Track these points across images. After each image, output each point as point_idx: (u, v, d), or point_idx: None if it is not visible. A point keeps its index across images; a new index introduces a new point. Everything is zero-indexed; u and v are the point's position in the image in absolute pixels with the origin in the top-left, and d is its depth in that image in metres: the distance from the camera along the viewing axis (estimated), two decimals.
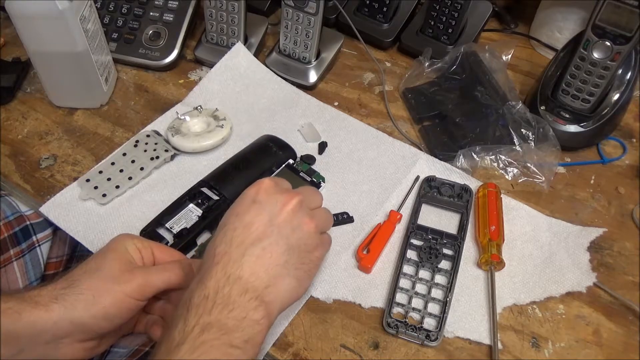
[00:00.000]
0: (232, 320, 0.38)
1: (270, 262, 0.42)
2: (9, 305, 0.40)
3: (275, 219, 0.43)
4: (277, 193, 0.45)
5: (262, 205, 0.44)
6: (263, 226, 0.43)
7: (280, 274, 0.42)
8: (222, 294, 0.39)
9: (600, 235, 0.57)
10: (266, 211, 0.44)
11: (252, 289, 0.40)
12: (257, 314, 0.39)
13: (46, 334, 0.41)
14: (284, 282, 0.42)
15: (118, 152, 0.62)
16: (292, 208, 0.44)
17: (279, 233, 0.43)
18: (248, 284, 0.40)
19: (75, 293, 0.42)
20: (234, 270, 0.40)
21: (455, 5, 0.73)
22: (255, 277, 0.40)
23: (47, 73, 0.65)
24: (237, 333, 0.38)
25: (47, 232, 0.60)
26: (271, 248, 0.42)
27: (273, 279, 0.41)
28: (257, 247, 0.42)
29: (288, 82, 0.73)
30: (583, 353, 0.50)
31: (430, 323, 0.51)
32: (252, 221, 0.43)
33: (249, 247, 0.42)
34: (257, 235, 0.42)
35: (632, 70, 0.63)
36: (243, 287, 0.40)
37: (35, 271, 0.59)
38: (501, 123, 0.64)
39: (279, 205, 0.44)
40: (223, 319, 0.38)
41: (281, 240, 0.43)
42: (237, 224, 0.43)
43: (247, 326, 0.38)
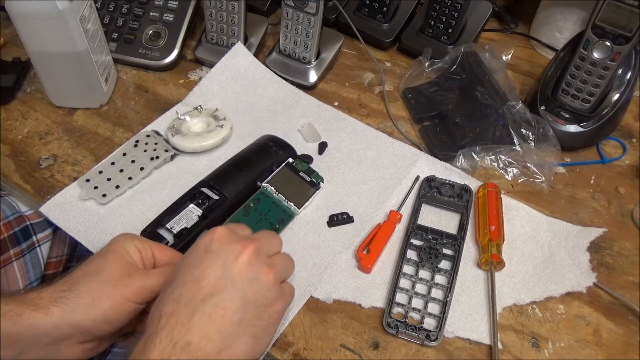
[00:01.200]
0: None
1: (223, 320, 0.38)
2: (9, 307, 0.40)
3: (229, 270, 0.40)
4: (232, 242, 0.41)
5: (215, 255, 0.41)
6: (215, 279, 0.39)
7: (236, 333, 0.38)
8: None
9: (600, 235, 0.57)
10: (219, 262, 0.40)
11: (203, 355, 0.36)
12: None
13: (46, 336, 0.41)
14: (238, 343, 0.38)
15: (118, 152, 0.62)
16: (249, 258, 0.40)
17: (233, 286, 0.39)
18: (198, 351, 0.36)
19: (75, 296, 0.42)
20: (181, 336, 0.36)
21: (455, 5, 0.73)
22: (207, 341, 0.37)
23: (47, 73, 0.65)
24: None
25: (47, 232, 0.60)
26: (224, 304, 0.38)
27: (227, 340, 0.38)
28: (209, 303, 0.38)
29: (288, 82, 0.73)
30: (583, 353, 0.50)
31: (430, 323, 0.51)
32: (203, 274, 0.39)
33: (199, 305, 0.38)
34: (209, 290, 0.39)
35: (632, 70, 0.63)
36: (193, 355, 0.36)
37: (35, 271, 0.59)
38: (501, 123, 0.64)
39: (234, 255, 0.40)
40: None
41: (236, 294, 0.39)
42: (187, 278, 0.40)
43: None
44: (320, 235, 0.57)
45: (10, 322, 0.40)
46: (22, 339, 0.40)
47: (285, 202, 0.58)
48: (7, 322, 0.40)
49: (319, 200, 0.60)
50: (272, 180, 0.60)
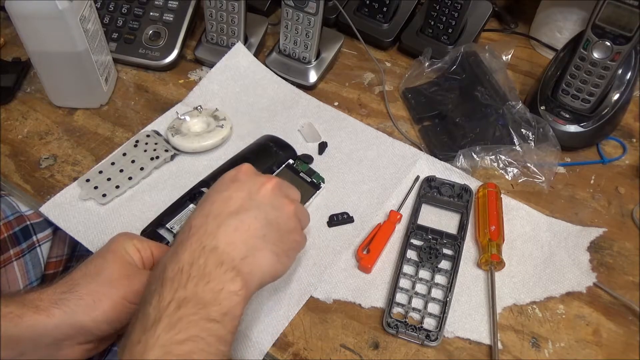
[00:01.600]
0: (208, 293, 0.37)
1: (248, 234, 0.41)
2: (10, 309, 0.40)
3: (254, 195, 0.43)
4: (257, 175, 0.45)
5: (241, 183, 0.44)
6: (242, 200, 0.42)
7: (258, 246, 0.41)
8: (197, 266, 0.38)
9: (600, 235, 0.57)
10: (245, 188, 0.43)
11: (229, 259, 0.39)
12: (234, 286, 0.38)
13: (47, 337, 0.41)
14: (261, 255, 0.41)
15: (118, 152, 0.62)
16: (272, 188, 0.44)
17: (257, 208, 0.42)
18: (224, 255, 0.39)
19: (75, 298, 0.42)
20: (209, 241, 0.39)
21: (455, 5, 0.73)
22: (232, 247, 0.39)
23: (47, 73, 0.65)
24: (214, 306, 0.37)
25: (47, 232, 0.60)
26: (249, 221, 0.41)
27: (251, 250, 0.40)
28: (235, 219, 0.41)
29: (288, 82, 0.73)
30: (583, 353, 0.50)
31: (430, 323, 0.51)
32: (231, 195, 0.42)
33: (226, 219, 0.41)
34: (236, 208, 0.41)
35: (632, 70, 0.63)
36: (219, 258, 0.39)
37: (36, 271, 0.59)
38: (501, 123, 0.64)
39: (258, 185, 0.44)
40: (199, 293, 0.37)
41: (260, 214, 0.42)
42: (215, 198, 0.43)
43: (224, 299, 0.37)
44: (320, 235, 0.57)
45: (12, 323, 0.40)
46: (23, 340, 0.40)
47: None
48: (8, 324, 0.40)
49: (319, 200, 0.60)
50: None
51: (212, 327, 0.36)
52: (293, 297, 0.52)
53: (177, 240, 0.41)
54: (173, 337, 0.35)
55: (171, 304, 0.36)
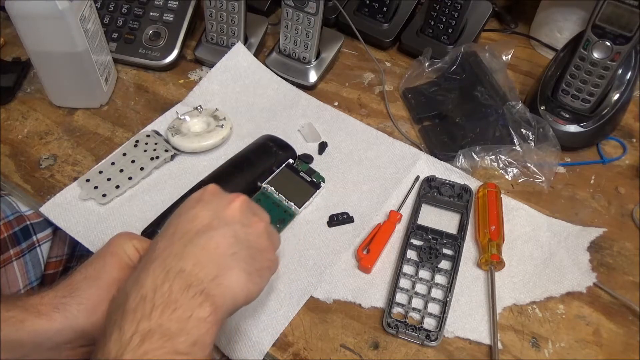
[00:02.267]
0: (175, 323, 0.34)
1: (216, 252, 0.38)
2: (12, 314, 0.40)
3: (221, 213, 0.41)
4: (223, 194, 0.43)
5: (207, 203, 0.42)
6: (208, 218, 0.40)
7: (229, 265, 0.38)
8: (162, 292, 0.35)
9: (600, 235, 0.57)
10: (212, 207, 0.41)
11: (197, 282, 0.36)
12: (203, 312, 0.35)
13: (49, 341, 0.41)
14: (232, 274, 0.38)
15: (118, 152, 0.62)
16: (240, 206, 0.42)
17: (226, 225, 0.40)
18: (191, 277, 0.36)
19: (76, 303, 0.42)
20: (174, 264, 0.36)
21: (455, 5, 0.73)
22: (200, 267, 0.37)
23: (47, 73, 0.65)
24: (182, 337, 0.34)
25: (47, 232, 0.60)
26: (217, 238, 0.39)
27: (221, 269, 0.37)
28: (203, 237, 0.38)
29: (288, 82, 0.73)
30: (583, 353, 0.50)
31: (430, 323, 0.51)
32: (197, 214, 0.40)
33: (193, 237, 0.38)
34: (202, 226, 0.39)
35: (632, 70, 0.63)
36: (185, 282, 0.36)
37: (36, 271, 0.59)
38: (501, 123, 0.64)
39: (225, 202, 0.42)
40: (165, 323, 0.34)
41: (228, 232, 0.39)
42: (181, 219, 0.40)
43: (192, 327, 0.34)
44: (320, 235, 0.57)
45: (13, 328, 0.40)
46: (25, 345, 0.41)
47: (286, 202, 0.58)
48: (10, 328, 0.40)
49: (319, 200, 0.60)
50: (272, 180, 0.60)
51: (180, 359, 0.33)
52: (293, 297, 0.52)
53: (141, 264, 0.38)
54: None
55: (134, 338, 0.33)
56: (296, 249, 0.55)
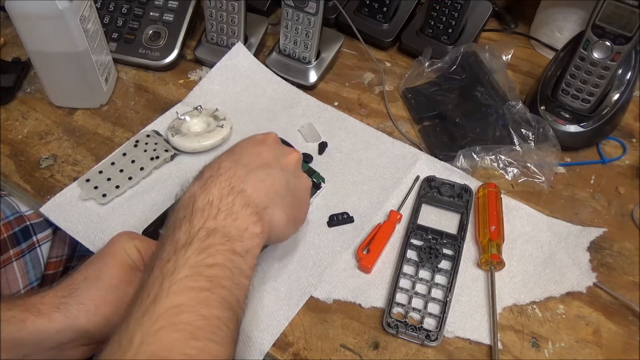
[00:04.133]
0: (235, 230, 0.39)
1: (271, 188, 0.43)
2: (13, 313, 0.41)
3: (281, 159, 0.46)
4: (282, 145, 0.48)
5: (269, 147, 0.47)
6: (270, 159, 0.45)
7: (277, 203, 0.43)
8: (226, 202, 0.40)
9: (600, 235, 0.57)
10: (273, 150, 0.46)
11: (254, 204, 0.41)
12: (256, 228, 0.40)
13: (50, 341, 0.41)
14: (278, 211, 0.43)
15: (118, 152, 0.62)
16: (295, 160, 0.47)
17: (282, 169, 0.45)
18: (250, 199, 0.41)
19: (76, 303, 0.42)
20: (237, 184, 0.41)
21: (455, 5, 0.73)
22: (257, 194, 0.41)
23: (47, 73, 0.65)
24: (239, 242, 0.39)
25: (47, 232, 0.60)
26: (275, 177, 0.44)
27: (271, 202, 0.42)
28: (263, 171, 0.43)
29: (288, 82, 0.73)
30: (583, 353, 0.50)
31: (430, 323, 0.51)
32: (260, 152, 0.45)
33: (255, 170, 0.43)
34: (264, 162, 0.44)
35: (632, 70, 0.63)
36: (245, 201, 0.41)
37: (36, 271, 0.59)
38: (501, 123, 0.64)
39: (284, 153, 0.47)
40: (227, 227, 0.39)
41: (283, 177, 0.45)
42: (243, 150, 0.45)
43: (247, 237, 0.39)
44: (320, 235, 0.57)
45: (15, 328, 0.40)
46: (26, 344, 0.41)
47: None
48: (12, 328, 0.40)
49: (319, 200, 0.60)
50: None
51: (236, 259, 0.38)
52: (293, 297, 0.52)
53: (205, 175, 0.42)
54: (202, 260, 0.36)
55: (201, 231, 0.38)
56: (296, 249, 0.55)
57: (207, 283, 0.36)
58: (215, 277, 0.37)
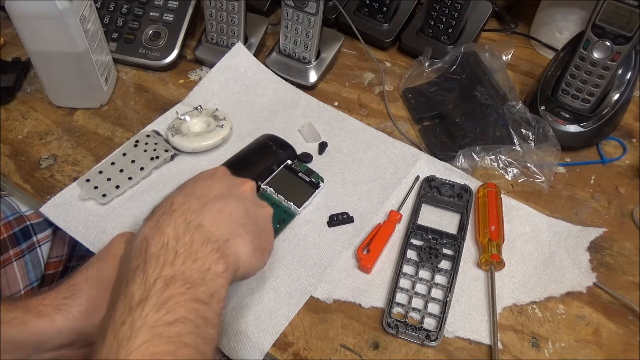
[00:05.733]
0: (195, 273, 0.36)
1: (230, 218, 0.40)
2: (14, 315, 0.41)
3: (235, 189, 0.44)
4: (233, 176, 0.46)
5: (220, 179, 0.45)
6: (223, 189, 0.43)
7: (239, 233, 0.40)
8: (183, 242, 0.36)
9: (600, 235, 0.57)
10: (225, 183, 0.44)
11: (214, 239, 0.38)
12: (219, 267, 0.37)
13: (50, 342, 0.41)
14: (242, 243, 0.40)
15: (118, 152, 0.62)
16: (250, 189, 0.45)
17: (238, 199, 0.43)
18: (209, 234, 0.38)
19: (77, 304, 0.42)
20: (194, 218, 0.38)
21: (455, 5, 0.73)
22: (216, 227, 0.39)
23: (47, 73, 0.65)
24: (201, 287, 0.35)
25: (47, 232, 0.60)
26: (232, 206, 0.41)
27: (233, 234, 0.40)
28: (219, 202, 0.41)
29: (288, 82, 0.73)
30: (583, 353, 0.50)
31: (430, 323, 0.51)
32: (213, 184, 0.43)
33: (210, 201, 0.40)
34: (218, 193, 0.42)
35: (632, 70, 0.63)
36: (204, 236, 0.37)
37: (36, 271, 0.59)
38: (501, 123, 0.64)
39: (238, 182, 0.45)
40: (187, 271, 0.35)
41: (241, 204, 0.42)
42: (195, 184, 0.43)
43: (210, 279, 0.36)
44: (320, 235, 0.57)
45: (16, 329, 0.40)
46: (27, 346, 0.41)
47: (285, 202, 0.58)
48: (13, 330, 0.40)
49: (319, 200, 0.60)
50: (270, 182, 0.60)
51: (200, 308, 0.35)
52: (293, 297, 0.52)
53: (156, 215, 0.39)
54: (162, 318, 0.33)
55: (157, 282, 0.34)
56: (296, 249, 0.55)
57: (169, 345, 0.32)
58: (177, 336, 0.33)
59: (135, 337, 0.32)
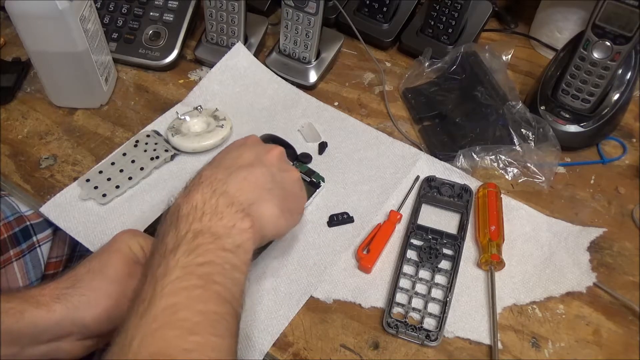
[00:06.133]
0: (221, 228, 0.39)
1: (255, 184, 0.43)
2: (11, 305, 0.40)
3: (262, 157, 0.46)
4: (263, 143, 0.48)
5: (250, 147, 0.47)
6: (250, 158, 0.45)
7: (265, 198, 0.43)
8: (210, 205, 0.40)
9: (600, 235, 0.57)
10: (254, 151, 0.46)
11: (238, 202, 0.41)
12: (244, 224, 0.40)
13: (48, 333, 0.41)
14: (267, 206, 0.43)
15: (118, 152, 0.62)
16: (278, 155, 0.47)
17: (265, 167, 0.45)
18: (234, 198, 0.41)
19: (77, 294, 0.42)
20: (219, 186, 0.42)
21: (455, 5, 0.73)
22: (241, 193, 0.42)
23: (47, 73, 0.65)
24: (228, 239, 0.39)
25: (47, 232, 0.60)
26: (257, 173, 0.44)
27: (258, 198, 0.43)
28: (245, 170, 0.43)
29: (288, 82, 0.73)
30: (583, 353, 0.50)
31: (430, 323, 0.51)
32: (241, 154, 0.45)
33: (236, 170, 0.43)
34: (245, 163, 0.44)
35: (632, 70, 0.63)
36: (229, 200, 0.41)
37: (36, 271, 0.59)
38: (501, 123, 0.64)
39: (265, 150, 0.47)
40: (213, 227, 0.39)
41: (267, 172, 0.45)
42: (224, 156, 0.46)
43: (236, 234, 0.40)
44: (320, 235, 0.57)
45: (13, 319, 0.40)
46: (24, 336, 0.41)
47: None
48: (10, 320, 0.40)
49: (319, 200, 0.60)
50: None
51: (227, 255, 0.39)
52: (293, 297, 0.52)
53: (188, 186, 0.43)
54: (192, 260, 0.37)
55: (188, 234, 0.38)
56: (296, 249, 0.55)
57: (199, 281, 0.36)
58: (207, 274, 0.37)
59: (170, 274, 0.36)
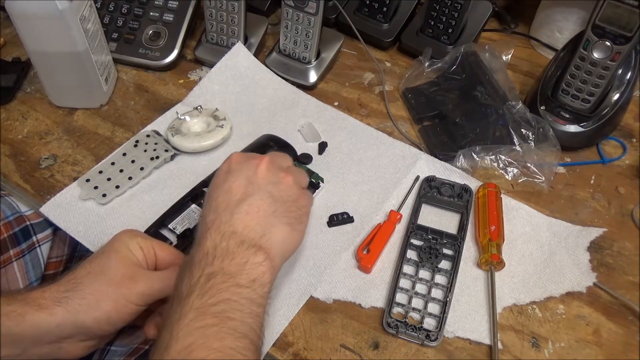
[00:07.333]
0: (234, 267, 0.40)
1: (259, 215, 0.43)
2: (12, 308, 0.40)
3: (252, 180, 0.45)
4: (248, 160, 0.47)
5: (237, 172, 0.46)
6: (243, 187, 0.44)
7: (272, 223, 0.43)
8: (221, 248, 0.41)
9: (600, 235, 0.57)
10: (242, 176, 0.45)
11: (248, 239, 0.42)
12: (257, 258, 0.41)
13: (49, 335, 0.41)
14: (277, 230, 0.43)
15: (118, 152, 0.62)
16: (266, 167, 0.46)
17: (259, 190, 0.44)
18: (243, 236, 0.42)
19: (78, 297, 0.42)
20: (227, 228, 0.42)
21: (455, 5, 0.73)
22: (249, 229, 0.42)
23: (47, 73, 0.65)
24: (242, 275, 0.40)
25: (47, 232, 0.60)
26: (257, 203, 0.43)
27: (266, 228, 0.43)
28: (244, 204, 0.43)
29: (288, 82, 0.73)
30: (583, 353, 0.50)
31: (430, 323, 0.51)
32: (231, 187, 0.45)
33: (236, 207, 0.43)
34: (240, 196, 0.44)
35: (632, 70, 0.63)
36: (239, 239, 0.41)
37: (36, 271, 0.59)
38: (501, 123, 0.64)
39: (253, 168, 0.46)
40: (226, 267, 0.40)
41: (264, 195, 0.44)
42: (218, 193, 0.45)
43: (250, 269, 0.40)
44: (320, 235, 0.57)
45: (14, 322, 0.40)
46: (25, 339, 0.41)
47: None
48: (10, 323, 0.40)
49: (319, 200, 0.60)
50: None
51: (243, 291, 0.39)
52: (293, 297, 0.52)
53: (197, 237, 0.43)
54: (206, 301, 0.37)
55: (201, 278, 0.39)
56: None
57: (214, 319, 0.37)
58: (221, 312, 0.37)
59: (184, 318, 0.37)
